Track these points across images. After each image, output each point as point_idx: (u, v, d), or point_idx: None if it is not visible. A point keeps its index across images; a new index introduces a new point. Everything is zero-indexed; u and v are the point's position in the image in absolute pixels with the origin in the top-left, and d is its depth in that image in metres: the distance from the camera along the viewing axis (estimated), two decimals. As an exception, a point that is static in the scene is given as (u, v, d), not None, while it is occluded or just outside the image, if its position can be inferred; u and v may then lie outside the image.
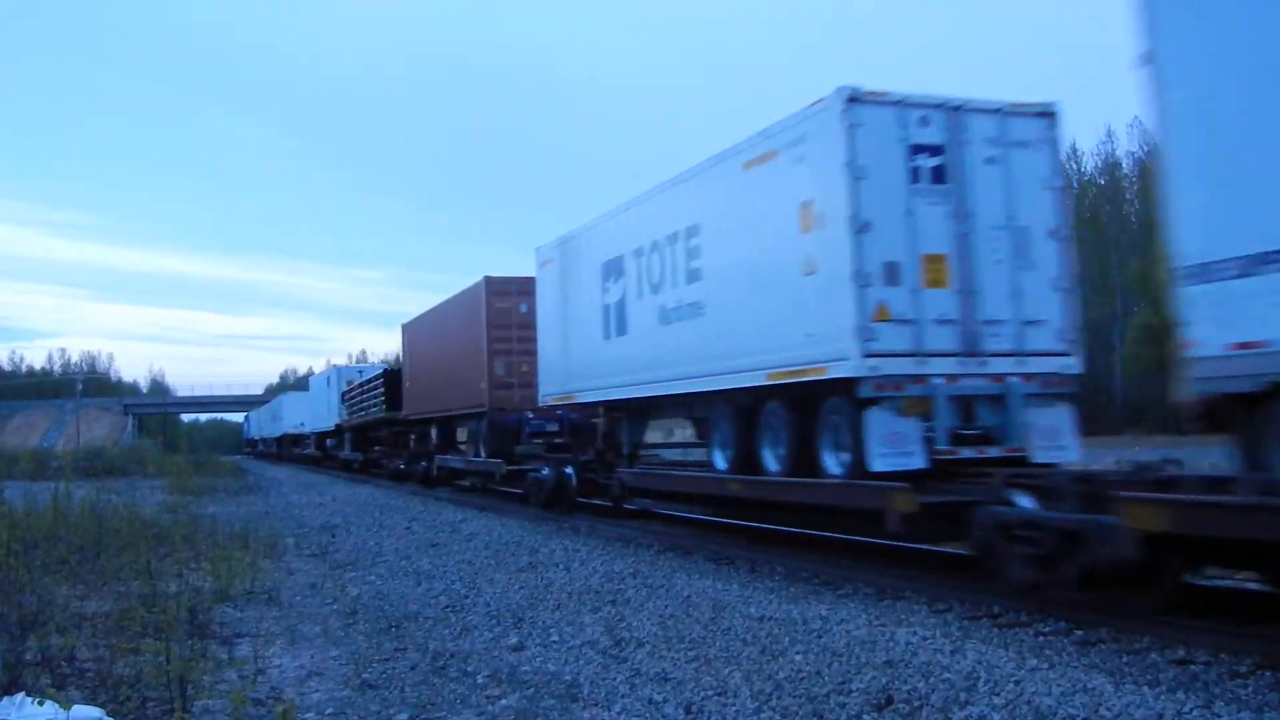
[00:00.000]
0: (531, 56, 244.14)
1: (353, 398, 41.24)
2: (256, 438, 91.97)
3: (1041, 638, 7.80)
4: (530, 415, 22.37)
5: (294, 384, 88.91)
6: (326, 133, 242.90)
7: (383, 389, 34.99)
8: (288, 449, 67.77)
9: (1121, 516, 7.44)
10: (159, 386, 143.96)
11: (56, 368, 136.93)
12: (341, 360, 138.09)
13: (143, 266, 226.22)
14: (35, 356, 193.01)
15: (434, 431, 29.94)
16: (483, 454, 24.20)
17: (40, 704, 5.23)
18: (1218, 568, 8.88)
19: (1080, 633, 7.82)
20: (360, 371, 47.10)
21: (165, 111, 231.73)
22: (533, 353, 20.77)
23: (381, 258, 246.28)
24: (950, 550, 11.42)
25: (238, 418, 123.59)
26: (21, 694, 5.52)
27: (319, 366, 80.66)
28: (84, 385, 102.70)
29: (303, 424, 59.23)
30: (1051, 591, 8.47)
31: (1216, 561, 8.50)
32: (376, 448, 39.66)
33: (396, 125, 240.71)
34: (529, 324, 21.13)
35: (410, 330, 32.92)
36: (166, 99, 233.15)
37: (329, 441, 50.72)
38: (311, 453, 56.60)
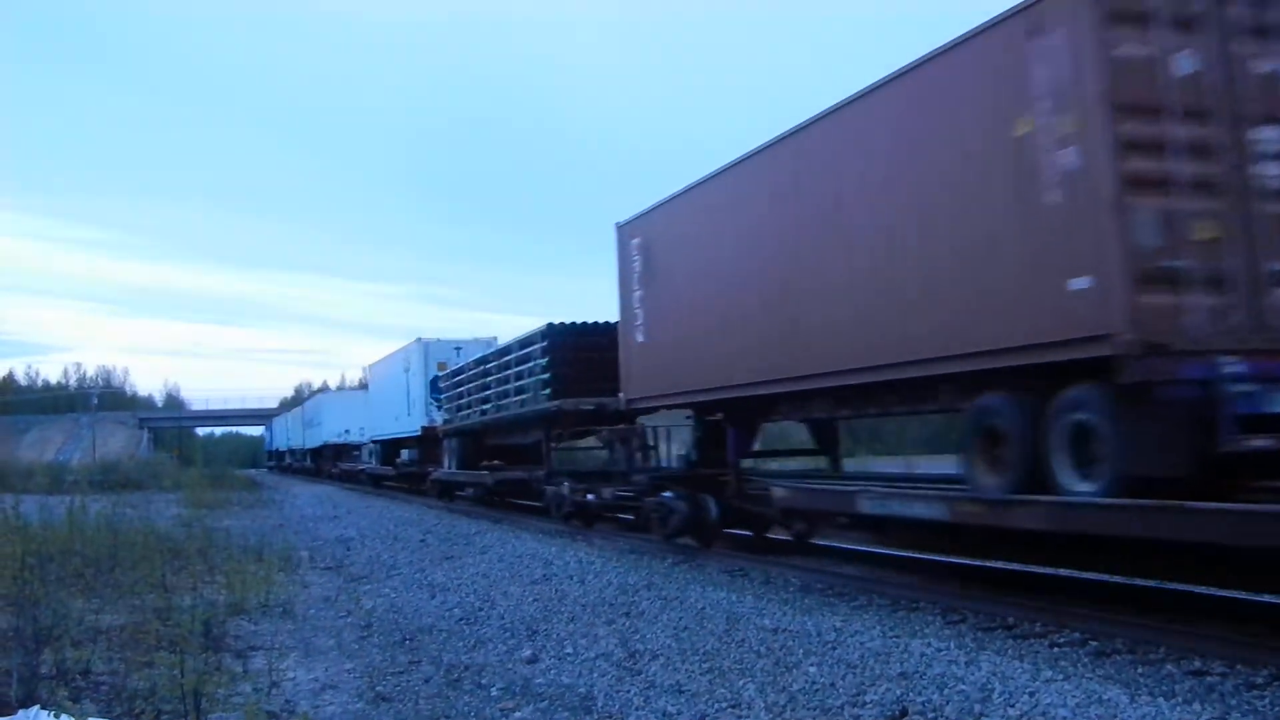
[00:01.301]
0: (550, 79, 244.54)
1: (462, 384, 26.47)
2: (283, 449, 78.25)
3: (1056, 649, 7.76)
4: (1242, 367, 7.63)
5: (310, 396, 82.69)
6: (344, 147, 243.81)
7: (545, 363, 19.79)
8: (328, 463, 54.14)
9: None
10: (174, 400, 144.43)
11: (72, 382, 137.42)
12: (355, 375, 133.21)
13: (159, 281, 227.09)
14: (51, 371, 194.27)
15: (698, 433, 14.99)
16: (1081, 481, 8.17)
17: (56, 717, 5.25)
18: None
19: (1095, 644, 7.78)
20: (458, 349, 31.20)
21: (183, 127, 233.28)
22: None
23: (399, 274, 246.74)
24: (964, 561, 11.39)
25: (253, 431, 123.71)
26: (37, 707, 5.55)
27: (334, 380, 73.88)
28: (99, 399, 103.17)
29: (348, 431, 48.91)
30: None
31: None
32: (495, 461, 25.75)
33: (417, 141, 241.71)
34: (1201, 108, 7.93)
35: (653, 227, 15.24)
36: (184, 115, 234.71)
37: (405, 453, 36.18)
38: (371, 468, 42.54)
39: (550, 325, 20.10)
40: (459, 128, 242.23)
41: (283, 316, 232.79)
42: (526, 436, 22.45)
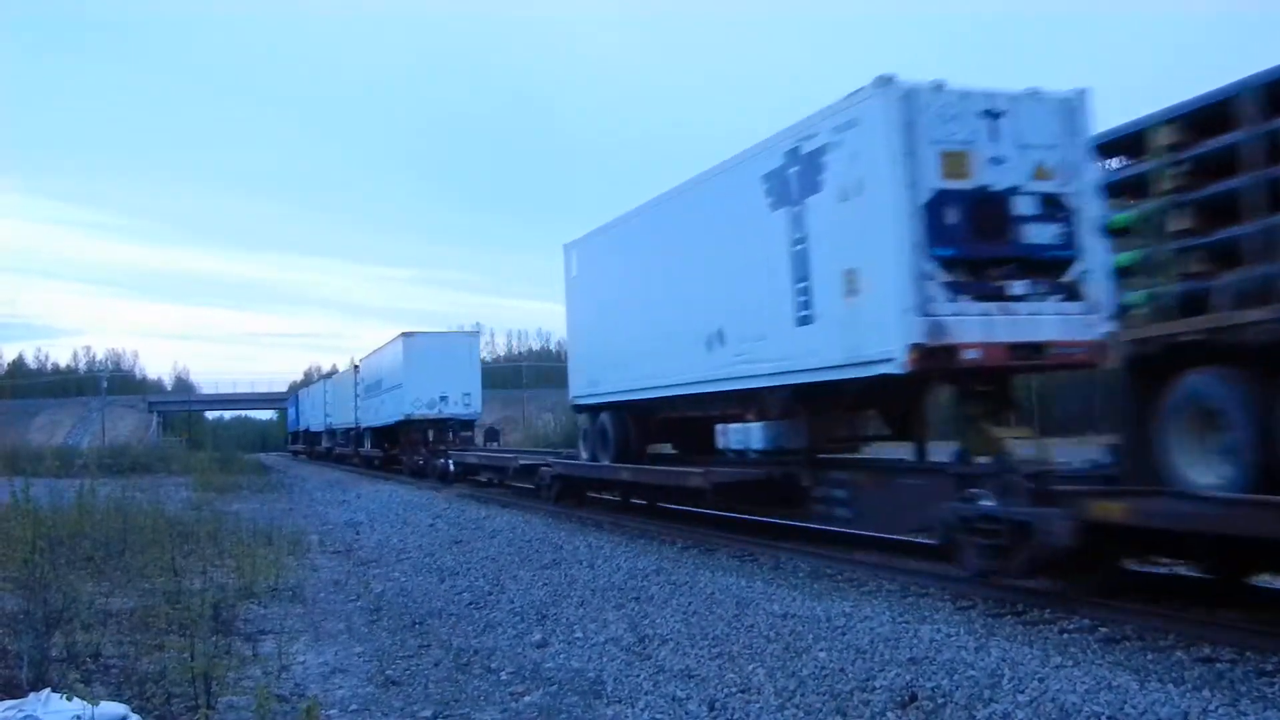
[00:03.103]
0: (550, 71, 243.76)
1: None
2: (317, 429, 58.28)
3: (1066, 635, 7.75)
4: None
5: (320, 380, 73.17)
6: (350, 133, 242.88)
7: None
8: (414, 452, 34.20)
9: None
10: (183, 384, 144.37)
11: (82, 365, 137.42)
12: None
13: (168, 264, 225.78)
14: (60, 354, 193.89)
15: None
16: None
17: (68, 699, 5.27)
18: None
19: (1104, 630, 7.77)
20: (994, 116, 9.87)
21: (193, 112, 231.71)
22: None
23: (402, 258, 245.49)
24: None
25: (262, 416, 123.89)
26: (48, 690, 5.56)
27: (342, 364, 64.13)
28: (109, 383, 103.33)
29: (445, 398, 33.70)
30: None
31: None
32: None
33: (421, 127, 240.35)
34: None
35: None
36: (195, 100, 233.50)
37: (764, 431, 12.58)
38: (587, 468, 18.56)
39: None
40: (460, 116, 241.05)
41: (290, 300, 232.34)
42: None
